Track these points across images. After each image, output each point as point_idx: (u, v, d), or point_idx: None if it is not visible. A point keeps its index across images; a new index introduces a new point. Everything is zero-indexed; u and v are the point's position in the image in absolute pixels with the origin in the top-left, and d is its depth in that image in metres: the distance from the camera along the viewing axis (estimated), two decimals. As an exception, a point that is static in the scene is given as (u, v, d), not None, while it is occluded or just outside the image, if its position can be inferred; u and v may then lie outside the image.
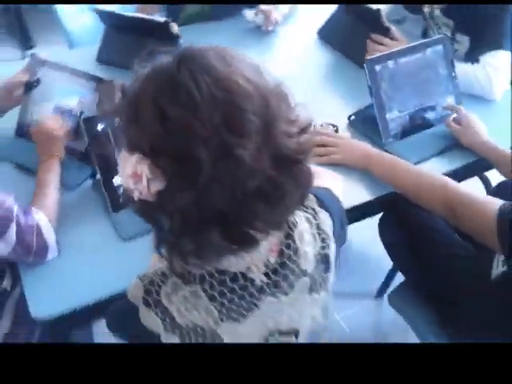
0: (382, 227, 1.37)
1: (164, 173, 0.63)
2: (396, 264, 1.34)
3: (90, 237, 1.10)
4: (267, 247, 0.74)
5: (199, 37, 1.77)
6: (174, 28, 1.49)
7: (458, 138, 1.26)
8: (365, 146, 1.22)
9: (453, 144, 1.28)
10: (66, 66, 1.29)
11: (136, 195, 0.65)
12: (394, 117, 1.30)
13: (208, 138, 0.61)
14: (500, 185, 1.45)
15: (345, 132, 1.33)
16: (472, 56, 1.52)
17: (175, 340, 0.74)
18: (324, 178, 1.01)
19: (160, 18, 1.53)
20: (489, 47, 1.50)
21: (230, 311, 0.74)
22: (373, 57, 1.26)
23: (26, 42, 2.94)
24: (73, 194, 1.19)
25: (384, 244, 1.38)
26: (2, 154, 1.27)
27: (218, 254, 0.69)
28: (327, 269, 0.82)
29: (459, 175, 1.24)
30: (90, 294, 0.99)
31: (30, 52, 2.41)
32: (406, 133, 1.32)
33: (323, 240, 0.80)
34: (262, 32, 1.79)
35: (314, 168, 1.04)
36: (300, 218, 0.79)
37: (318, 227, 0.80)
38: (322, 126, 1.31)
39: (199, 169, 0.61)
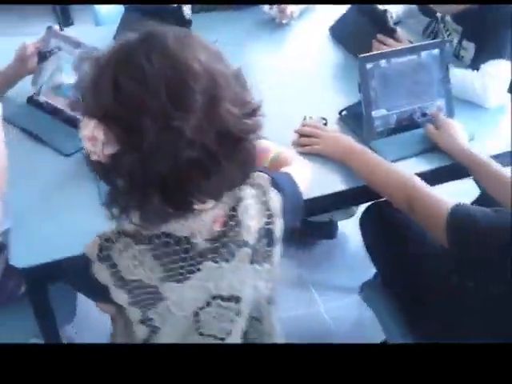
0: (363, 224, 1.42)
1: (115, 138, 0.71)
2: (372, 259, 1.38)
3: (79, 198, 1.18)
4: (211, 217, 0.82)
5: (214, 24, 1.85)
6: (186, 12, 1.57)
7: (435, 141, 1.29)
8: (347, 141, 1.27)
9: (434, 146, 1.30)
10: (78, 41, 1.39)
11: (93, 157, 0.73)
12: (381, 115, 1.34)
13: (153, 110, 0.69)
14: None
15: (334, 126, 1.38)
16: (476, 63, 1.54)
17: (123, 295, 0.83)
18: (295, 163, 1.08)
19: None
20: (490, 56, 1.51)
21: (173, 272, 0.81)
22: (365, 55, 1.30)
23: (66, 19, 3.10)
24: (70, 160, 1.28)
25: (364, 240, 1.43)
26: (14, 119, 1.38)
27: (160, 218, 0.77)
28: (270, 243, 0.88)
29: (436, 177, 1.27)
30: (71, 249, 1.02)
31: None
32: (391, 131, 1.35)
33: (269, 216, 0.87)
34: (276, 24, 1.85)
35: (288, 153, 1.12)
36: (248, 194, 0.85)
37: (266, 204, 0.87)
38: (311, 118, 1.37)
39: (144, 137, 0.70)
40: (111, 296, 0.82)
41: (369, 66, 1.31)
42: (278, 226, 0.88)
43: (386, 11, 1.55)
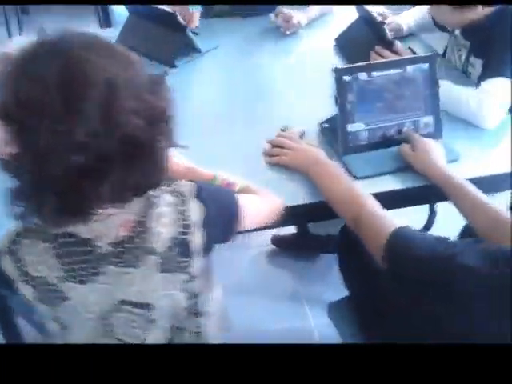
0: (337, 244, 1.38)
1: (14, 138, 0.73)
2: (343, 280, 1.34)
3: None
4: (119, 221, 0.81)
5: (220, 30, 1.87)
6: (181, 19, 1.59)
7: (409, 161, 1.22)
8: (315, 154, 1.23)
9: (409, 165, 1.23)
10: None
11: None
12: (357, 129, 1.29)
13: (47, 112, 0.71)
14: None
15: (311, 139, 1.34)
16: (482, 81, 1.44)
17: (29, 291, 0.84)
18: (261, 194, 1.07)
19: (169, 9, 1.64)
20: (493, 73, 1.42)
21: (74, 272, 0.82)
22: (342, 66, 1.26)
23: (106, 21, 3.22)
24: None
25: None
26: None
27: (58, 220, 0.78)
28: (186, 254, 0.86)
29: (408, 197, 1.22)
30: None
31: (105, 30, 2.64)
32: (368, 147, 1.30)
33: (185, 226, 0.85)
34: (281, 33, 1.83)
35: (254, 187, 1.09)
36: (164, 201, 0.84)
37: (183, 213, 0.85)
38: (287, 128, 1.34)
39: (38, 138, 0.71)
40: (17, 288, 0.84)
41: (346, 78, 1.26)
42: (197, 238, 0.87)
43: (382, 22, 1.49)
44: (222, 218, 0.91)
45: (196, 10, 1.75)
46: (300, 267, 2.07)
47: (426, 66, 1.30)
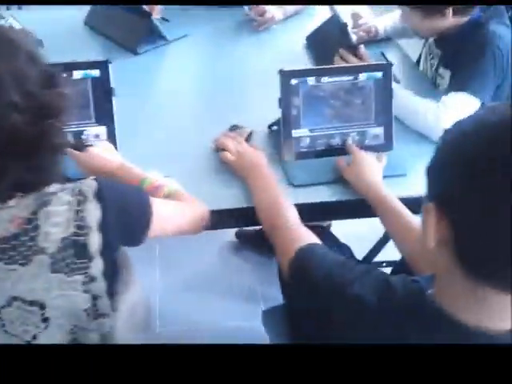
0: None
1: None
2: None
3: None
4: (9, 217, 0.80)
5: (193, 20, 1.82)
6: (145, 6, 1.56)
7: (343, 174, 1.19)
8: (255, 159, 1.19)
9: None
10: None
11: None
12: (301, 135, 1.25)
13: None
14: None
15: (254, 142, 1.30)
16: (445, 95, 1.39)
17: None
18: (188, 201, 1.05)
19: None
20: (455, 87, 1.37)
21: None
22: (289, 69, 1.22)
23: None
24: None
25: None
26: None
27: None
28: (82, 255, 0.84)
29: (340, 210, 1.19)
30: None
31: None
32: (311, 154, 1.26)
33: (79, 227, 0.83)
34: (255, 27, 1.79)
35: (183, 192, 1.07)
36: (59, 200, 0.82)
37: (77, 214, 0.83)
38: (236, 126, 1.31)
39: None
40: None
41: (294, 81, 1.22)
42: (94, 240, 0.84)
43: (345, 24, 1.44)
44: (124, 220, 0.88)
45: None
46: (262, 264, 2.05)
47: (379, 74, 1.26)
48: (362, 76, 1.25)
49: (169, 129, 1.36)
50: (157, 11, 1.71)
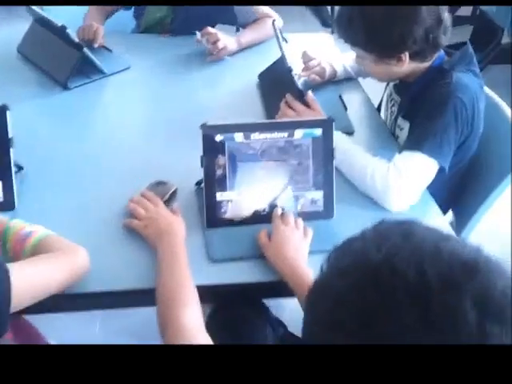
0: None
1: None
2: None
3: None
4: None
5: (140, 49, 1.69)
6: (73, 35, 1.42)
7: (264, 251, 1.03)
8: (167, 227, 1.04)
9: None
10: None
11: None
12: (227, 199, 1.10)
13: None
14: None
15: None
16: (399, 153, 1.24)
17: None
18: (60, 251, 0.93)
19: (58, 22, 1.45)
20: (409, 144, 1.22)
21: None
22: (212, 124, 1.07)
23: None
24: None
25: None
26: None
27: None
28: None
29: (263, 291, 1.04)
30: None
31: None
32: (236, 222, 1.10)
33: None
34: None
35: (55, 239, 0.93)
36: None
37: None
38: (160, 183, 1.16)
39: None
40: None
41: (219, 137, 1.07)
42: None
43: (290, 69, 1.29)
44: None
45: (100, 26, 1.57)
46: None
47: (318, 132, 1.11)
48: (298, 133, 1.10)
49: (81, 182, 1.21)
50: (98, 40, 1.58)
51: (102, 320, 1.78)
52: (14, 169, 1.09)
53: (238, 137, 1.08)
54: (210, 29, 1.61)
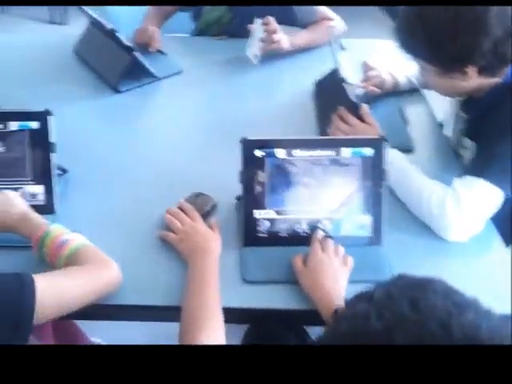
0: None
1: None
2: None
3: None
4: None
5: (194, 52, 1.66)
6: (123, 38, 1.41)
7: (299, 278, 0.96)
8: (202, 243, 1.00)
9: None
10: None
11: None
12: (265, 217, 1.03)
13: None
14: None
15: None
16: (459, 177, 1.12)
17: None
18: (91, 264, 0.92)
19: (109, 25, 1.45)
20: (473, 169, 1.10)
21: None
22: (253, 138, 1.00)
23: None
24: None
25: None
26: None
27: None
28: None
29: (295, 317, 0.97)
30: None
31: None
32: (275, 241, 1.04)
33: None
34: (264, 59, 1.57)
35: (91, 250, 0.92)
36: None
37: None
38: (199, 195, 1.12)
39: None
40: None
41: (259, 153, 1.02)
42: None
43: (343, 81, 1.20)
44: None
45: (156, 30, 1.55)
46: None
47: (369, 151, 1.02)
48: (346, 152, 1.02)
49: (122, 187, 1.19)
50: (154, 44, 1.56)
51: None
52: (55, 173, 1.09)
53: (280, 153, 1.02)
54: (271, 18, 1.54)
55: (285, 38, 1.57)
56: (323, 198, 1.04)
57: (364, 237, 1.05)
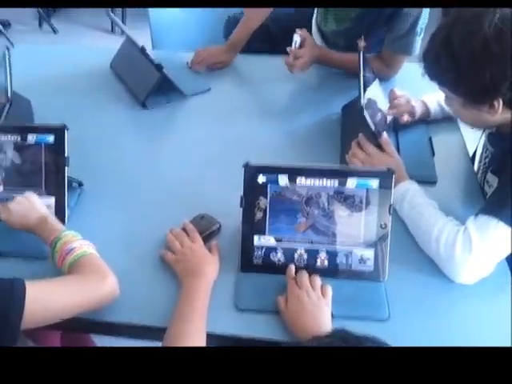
0: None
1: None
2: None
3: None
4: None
5: (231, 67, 1.72)
6: (150, 55, 1.49)
7: (283, 317, 0.97)
8: (199, 267, 1.03)
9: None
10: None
11: None
12: (264, 244, 1.06)
13: None
14: None
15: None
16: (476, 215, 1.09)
17: None
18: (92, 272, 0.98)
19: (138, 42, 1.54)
20: (489, 208, 1.06)
21: None
22: (256, 164, 1.03)
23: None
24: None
25: None
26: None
27: None
28: None
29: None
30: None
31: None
32: (272, 269, 1.06)
33: None
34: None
35: (95, 259, 0.99)
36: None
37: None
38: (203, 217, 1.15)
39: None
40: None
41: (261, 179, 1.04)
42: None
43: (362, 109, 1.19)
44: None
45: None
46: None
47: (375, 183, 1.02)
48: (351, 182, 1.02)
49: (134, 204, 1.25)
50: (199, 64, 1.65)
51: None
52: (67, 186, 1.16)
53: (283, 180, 1.04)
54: (305, 31, 1.56)
55: (308, 56, 1.54)
56: (324, 228, 1.05)
57: (365, 271, 1.05)
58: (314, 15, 1.84)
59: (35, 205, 1.10)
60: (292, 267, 1.03)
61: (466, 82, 1.07)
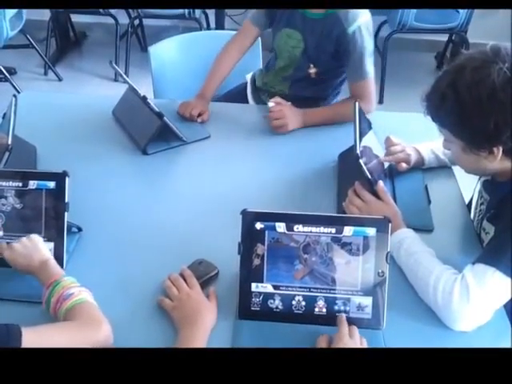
0: None
1: None
2: None
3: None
4: None
5: (230, 115, 1.76)
6: (153, 105, 1.52)
7: None
8: (195, 314, 1.03)
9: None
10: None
11: None
12: (262, 291, 1.05)
13: None
14: None
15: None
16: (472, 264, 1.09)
17: None
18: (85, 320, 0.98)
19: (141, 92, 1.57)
20: (487, 257, 1.07)
21: None
22: (254, 210, 1.04)
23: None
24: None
25: None
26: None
27: None
28: None
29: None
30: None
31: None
32: (270, 316, 1.05)
33: None
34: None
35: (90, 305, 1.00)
36: None
37: None
38: (202, 262, 1.15)
39: None
40: None
41: (259, 225, 1.04)
42: None
43: (358, 157, 1.21)
44: None
45: (206, 111, 1.70)
46: None
47: (372, 231, 1.03)
48: (348, 230, 1.03)
49: (133, 250, 1.25)
50: (201, 117, 1.69)
51: None
52: (66, 231, 1.17)
53: (280, 227, 1.05)
54: (279, 99, 1.64)
55: (294, 119, 1.63)
56: (322, 276, 1.05)
57: (363, 319, 1.04)
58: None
59: (39, 246, 1.11)
60: (343, 315, 1.04)
61: (470, 126, 1.08)
